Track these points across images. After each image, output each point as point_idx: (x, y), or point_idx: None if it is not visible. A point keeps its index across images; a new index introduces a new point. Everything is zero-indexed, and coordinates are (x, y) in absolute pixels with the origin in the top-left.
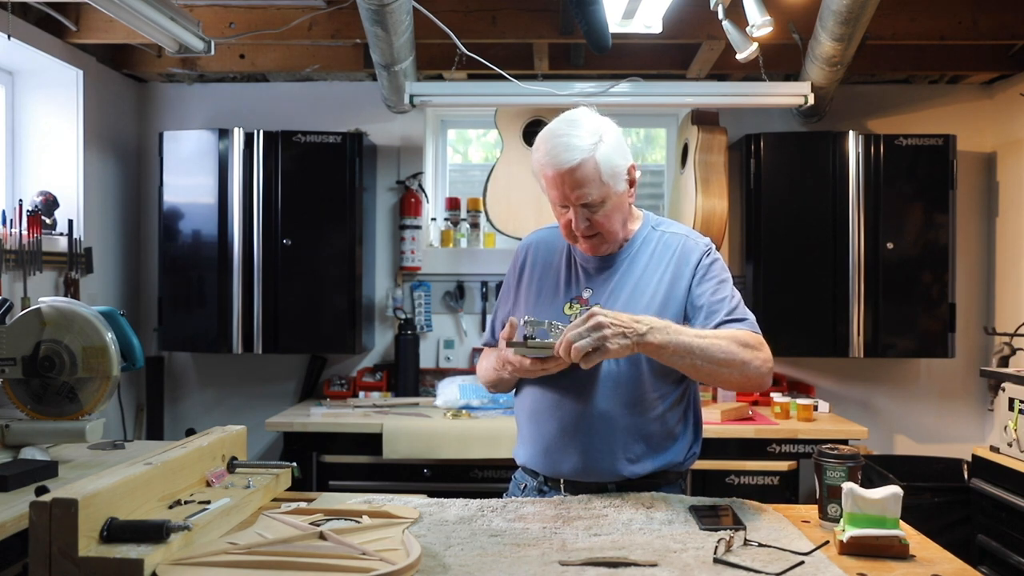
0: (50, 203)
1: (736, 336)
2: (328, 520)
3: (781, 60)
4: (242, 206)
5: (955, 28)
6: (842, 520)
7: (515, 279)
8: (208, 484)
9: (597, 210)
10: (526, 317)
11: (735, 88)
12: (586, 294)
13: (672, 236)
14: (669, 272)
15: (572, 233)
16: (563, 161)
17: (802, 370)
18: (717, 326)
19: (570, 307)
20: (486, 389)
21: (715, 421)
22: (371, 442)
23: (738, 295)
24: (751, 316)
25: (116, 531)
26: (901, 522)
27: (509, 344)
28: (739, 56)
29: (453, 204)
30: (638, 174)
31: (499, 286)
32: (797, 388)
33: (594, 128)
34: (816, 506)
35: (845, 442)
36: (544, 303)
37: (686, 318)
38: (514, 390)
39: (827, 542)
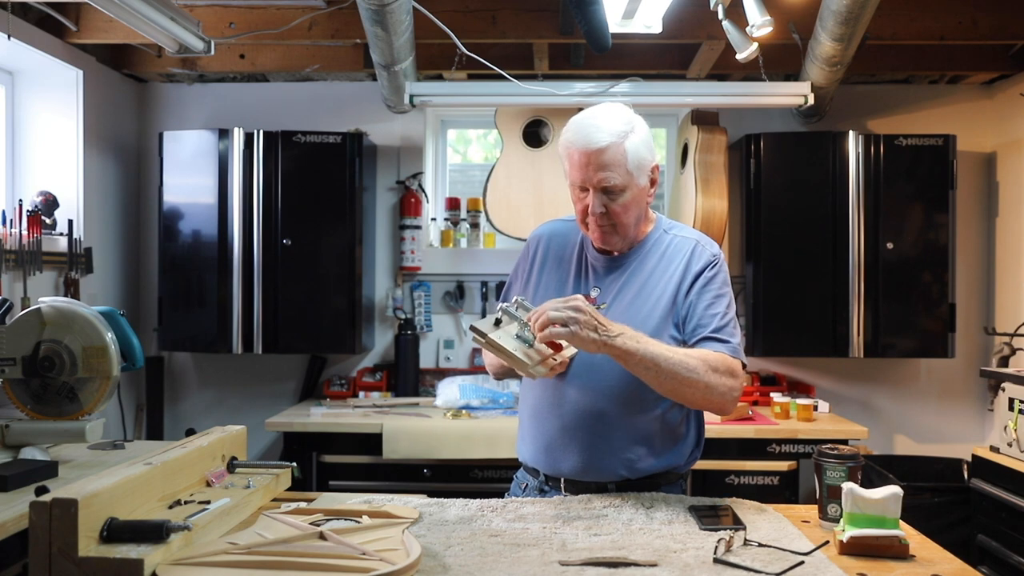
0: (50, 203)
1: (707, 358)
2: (328, 520)
3: (781, 60)
4: (242, 206)
5: (955, 28)
6: (842, 520)
7: (526, 267)
8: (208, 484)
9: (616, 197)
10: (518, 298)
11: (735, 88)
12: (594, 293)
13: (683, 240)
14: (676, 275)
15: (586, 220)
16: (592, 141)
17: (802, 370)
18: (699, 340)
19: None
20: (492, 377)
21: (715, 421)
22: (371, 442)
23: (731, 315)
24: (735, 340)
25: (116, 531)
26: (901, 522)
27: (472, 328)
28: (739, 56)
29: (453, 204)
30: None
31: (499, 286)
32: (797, 388)
33: (628, 119)
34: (816, 506)
35: (845, 442)
36: (550, 297)
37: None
38: (519, 388)
39: (827, 542)
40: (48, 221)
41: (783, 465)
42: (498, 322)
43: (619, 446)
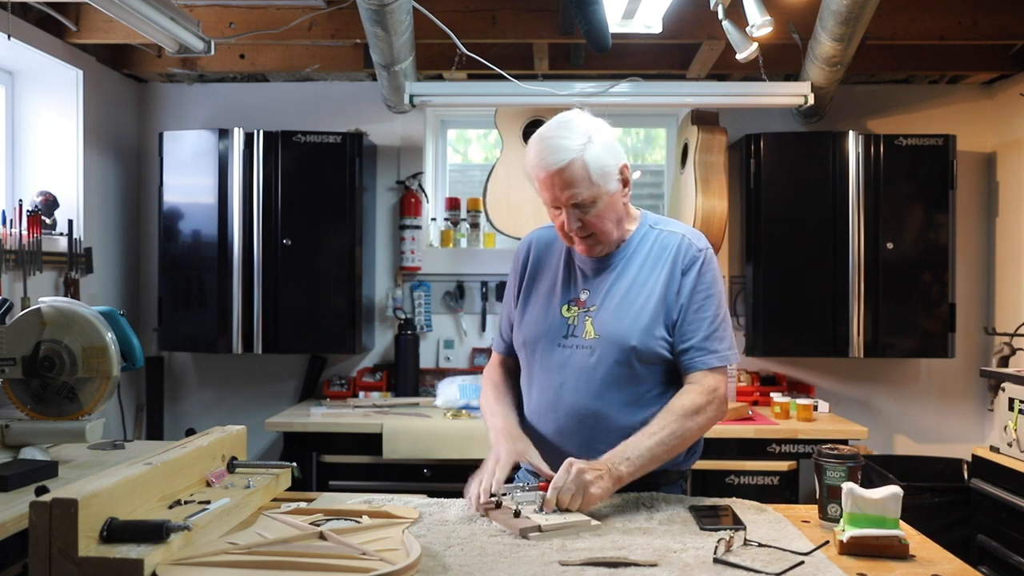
0: (50, 203)
1: (685, 408)
2: (328, 520)
3: (781, 60)
4: (242, 206)
5: (955, 28)
6: (842, 520)
7: (517, 278)
8: (208, 484)
9: (589, 210)
10: (502, 492)
11: (735, 88)
12: (584, 296)
13: (669, 235)
14: (664, 272)
15: (567, 234)
16: (551, 162)
17: (802, 370)
18: (687, 349)
19: (567, 309)
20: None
21: None
22: (371, 442)
23: (722, 314)
24: (724, 346)
25: (116, 531)
26: (901, 522)
27: (525, 534)
28: (739, 56)
29: (453, 204)
30: (636, 175)
31: (499, 286)
32: (797, 388)
33: (584, 129)
34: (816, 506)
35: (845, 442)
36: (542, 305)
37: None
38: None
39: (827, 542)
40: (48, 221)
41: (783, 465)
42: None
43: (617, 445)
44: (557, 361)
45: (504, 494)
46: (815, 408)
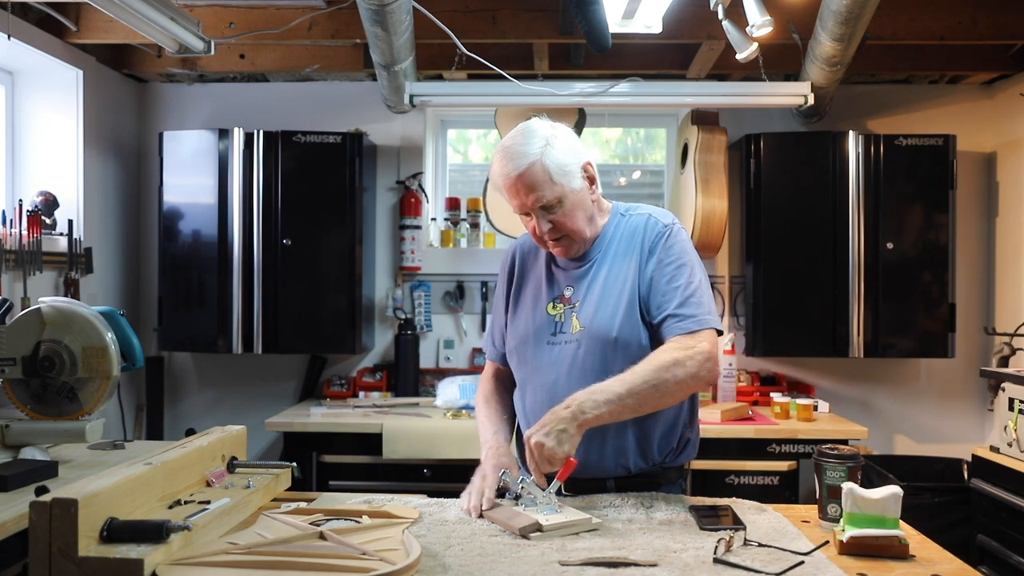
0: (50, 203)
1: (661, 359)
2: (328, 520)
3: (781, 60)
4: (242, 206)
5: (955, 28)
6: (842, 520)
7: (506, 285)
8: (208, 484)
9: (556, 211)
10: (502, 500)
11: (735, 88)
12: (568, 292)
13: (637, 217)
14: (635, 255)
15: (541, 239)
16: (512, 169)
17: (802, 370)
18: (664, 319)
19: (553, 307)
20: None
21: (715, 421)
22: (371, 442)
23: (696, 282)
24: (703, 309)
25: (116, 531)
26: (901, 522)
27: (525, 534)
28: (739, 56)
29: (453, 204)
30: (636, 175)
31: None
32: (797, 388)
33: (543, 134)
34: (816, 506)
35: (845, 442)
36: (530, 307)
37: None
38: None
39: (827, 542)
40: (48, 221)
41: (783, 465)
42: (517, 497)
43: (611, 441)
44: (547, 359)
45: (503, 496)
46: (815, 408)
